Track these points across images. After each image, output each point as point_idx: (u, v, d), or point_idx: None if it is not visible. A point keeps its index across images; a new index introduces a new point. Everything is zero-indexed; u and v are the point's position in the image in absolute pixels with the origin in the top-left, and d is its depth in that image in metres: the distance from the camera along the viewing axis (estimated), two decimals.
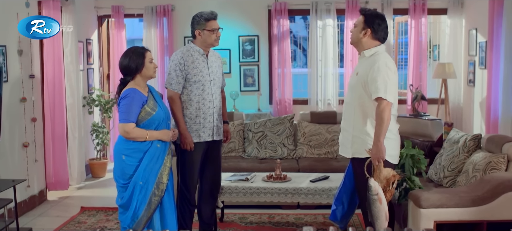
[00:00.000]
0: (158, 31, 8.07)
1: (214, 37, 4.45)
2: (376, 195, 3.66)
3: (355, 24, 3.99)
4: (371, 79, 3.74)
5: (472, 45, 7.51)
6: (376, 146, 3.69)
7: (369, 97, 3.81)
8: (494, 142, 4.51)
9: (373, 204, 3.69)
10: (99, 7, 8.14)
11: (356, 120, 3.90)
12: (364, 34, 3.90)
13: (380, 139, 3.68)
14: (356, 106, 3.89)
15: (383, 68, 3.74)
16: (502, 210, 3.82)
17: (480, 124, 7.25)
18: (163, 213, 4.11)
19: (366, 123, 3.86)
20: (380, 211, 3.68)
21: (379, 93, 3.68)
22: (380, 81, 3.69)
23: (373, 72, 3.74)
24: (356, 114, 3.90)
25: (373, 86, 3.72)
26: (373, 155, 3.71)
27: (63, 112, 6.54)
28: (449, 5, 7.92)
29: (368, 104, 3.83)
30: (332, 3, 7.94)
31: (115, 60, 8.17)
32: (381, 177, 3.74)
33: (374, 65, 3.77)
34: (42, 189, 6.26)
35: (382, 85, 3.69)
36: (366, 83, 3.80)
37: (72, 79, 6.81)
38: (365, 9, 4.00)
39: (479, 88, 7.30)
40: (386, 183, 3.77)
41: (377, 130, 3.70)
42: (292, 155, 6.45)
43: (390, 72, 3.76)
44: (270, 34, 8.16)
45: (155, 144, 4.00)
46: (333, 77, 8.09)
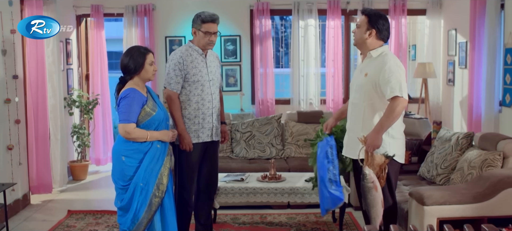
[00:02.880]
0: (138, 31, 7.95)
1: (207, 40, 4.35)
2: (371, 183, 3.67)
3: (358, 24, 3.97)
4: (384, 81, 3.74)
5: (452, 45, 7.67)
6: (376, 134, 3.68)
7: (379, 98, 3.83)
8: (488, 139, 4.60)
9: (369, 192, 3.69)
10: (78, 6, 7.97)
11: (365, 120, 3.89)
12: (369, 34, 3.90)
13: (383, 128, 3.69)
14: (366, 107, 3.89)
15: (394, 68, 3.77)
16: (503, 206, 3.91)
17: (460, 122, 7.41)
18: (163, 215, 4.05)
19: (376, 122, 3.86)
20: (376, 198, 3.70)
21: (395, 92, 3.69)
22: (394, 81, 3.72)
23: (385, 73, 3.75)
24: (365, 115, 3.90)
25: (387, 87, 3.73)
26: (369, 142, 3.69)
27: (46, 113, 6.39)
28: (428, 6, 8.08)
29: (378, 105, 3.85)
30: (314, 3, 7.98)
31: (94, 60, 8.03)
32: (374, 164, 3.74)
33: (385, 66, 3.78)
34: (25, 192, 6.09)
35: (397, 85, 3.71)
36: (377, 85, 3.81)
37: (54, 79, 6.64)
38: (367, 9, 4.01)
39: (459, 88, 7.46)
40: (379, 170, 3.78)
41: (383, 120, 3.71)
42: (280, 154, 6.45)
43: (401, 71, 3.80)
44: (252, 34, 8.15)
45: (155, 144, 3.95)
46: (315, 77, 8.13)
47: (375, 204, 3.70)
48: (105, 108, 8.10)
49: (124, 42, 8.00)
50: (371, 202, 3.71)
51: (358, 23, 3.98)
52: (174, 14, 8.07)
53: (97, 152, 8.11)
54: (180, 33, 8.08)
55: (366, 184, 3.68)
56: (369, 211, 3.76)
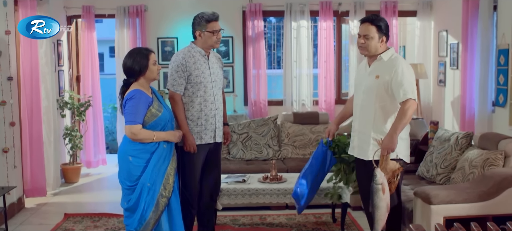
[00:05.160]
0: (130, 32, 7.89)
1: (215, 39, 4.38)
2: (380, 185, 3.71)
3: (366, 35, 3.91)
4: (397, 83, 3.81)
5: (442, 46, 7.76)
6: (391, 137, 3.75)
7: (391, 100, 3.88)
8: (488, 139, 4.67)
9: (375, 193, 3.73)
10: (69, 7, 7.87)
11: (376, 122, 3.93)
12: (381, 43, 3.95)
13: (397, 131, 3.75)
14: (377, 108, 3.92)
15: (406, 71, 3.85)
16: (507, 204, 3.98)
17: (452, 122, 7.50)
18: (171, 215, 4.05)
19: (388, 125, 3.88)
20: (381, 200, 3.73)
21: (408, 95, 3.78)
22: (406, 84, 3.80)
23: (398, 76, 3.81)
24: (376, 117, 3.93)
25: (400, 90, 3.79)
26: (385, 144, 3.76)
27: (40, 115, 6.30)
28: (418, 7, 8.17)
29: (390, 107, 3.90)
30: (306, 4, 8.00)
31: (85, 61, 7.95)
32: (387, 169, 3.80)
33: (397, 69, 3.83)
34: (20, 196, 5.99)
35: (410, 88, 3.80)
36: (389, 87, 3.86)
37: (47, 81, 6.55)
38: (371, 18, 3.96)
39: (450, 88, 7.55)
40: (392, 175, 3.84)
41: (396, 122, 3.78)
42: (277, 155, 6.46)
43: (412, 74, 3.90)
44: (244, 35, 8.14)
45: (161, 144, 3.95)
46: (308, 78, 8.15)
47: (380, 206, 3.73)
48: (96, 111, 8.01)
49: (116, 44, 7.93)
50: (376, 204, 3.74)
51: (367, 35, 3.92)
52: (166, 15, 8.03)
53: (88, 154, 8.03)
54: (172, 35, 8.04)
55: (375, 185, 3.71)
56: (373, 212, 3.79)
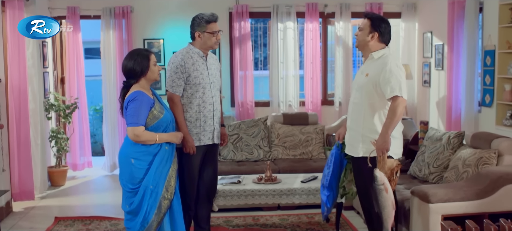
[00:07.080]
0: (116, 33, 7.82)
1: (214, 40, 4.40)
2: (382, 185, 3.76)
3: (361, 27, 4.06)
4: (385, 81, 3.84)
5: (427, 48, 7.88)
6: (383, 137, 3.79)
7: (379, 97, 3.92)
8: (481, 138, 4.76)
9: (379, 194, 3.78)
10: (53, 7, 7.76)
11: (366, 119, 3.99)
12: (371, 37, 4.00)
13: (388, 131, 3.79)
14: (366, 106, 3.98)
15: (395, 69, 3.87)
16: (503, 202, 4.07)
17: (437, 122, 7.62)
18: (172, 217, 4.03)
19: (377, 122, 3.95)
20: (386, 200, 3.78)
21: (395, 92, 3.80)
22: (394, 81, 3.82)
23: (386, 73, 3.85)
24: (366, 114, 3.99)
25: (387, 87, 3.82)
26: (378, 145, 3.80)
27: (27, 118, 6.19)
28: (403, 9, 8.27)
29: (378, 104, 3.95)
30: (293, 6, 8.04)
31: (70, 63, 7.85)
32: (385, 168, 3.85)
33: (385, 67, 3.88)
34: (8, 200, 5.89)
35: (397, 85, 3.82)
36: (377, 85, 3.90)
37: (34, 83, 6.45)
38: (370, 13, 4.10)
39: (435, 89, 7.67)
40: (391, 173, 3.88)
41: (387, 122, 3.82)
42: (268, 156, 6.48)
43: (401, 72, 3.91)
44: (231, 36, 8.14)
45: (163, 146, 3.94)
46: (294, 79, 8.18)
47: (386, 205, 3.77)
48: (82, 113, 7.92)
49: (102, 45, 7.85)
50: (382, 204, 3.78)
51: (361, 26, 4.07)
52: (153, 16, 7.98)
53: (74, 157, 7.92)
54: (158, 36, 7.98)
55: (377, 186, 3.75)
56: (380, 213, 3.84)
